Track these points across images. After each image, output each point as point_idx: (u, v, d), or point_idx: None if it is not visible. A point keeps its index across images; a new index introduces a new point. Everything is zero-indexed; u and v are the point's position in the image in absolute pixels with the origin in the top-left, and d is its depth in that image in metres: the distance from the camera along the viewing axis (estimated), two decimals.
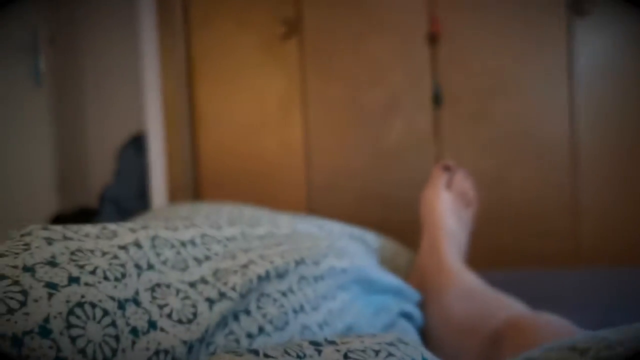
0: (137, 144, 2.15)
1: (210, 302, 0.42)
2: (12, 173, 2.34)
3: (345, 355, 0.35)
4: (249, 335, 0.44)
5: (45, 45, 2.42)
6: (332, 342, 0.36)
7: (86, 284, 0.35)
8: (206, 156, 1.80)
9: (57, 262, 0.36)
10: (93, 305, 0.34)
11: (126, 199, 2.14)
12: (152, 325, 0.37)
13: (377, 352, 0.35)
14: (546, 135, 1.53)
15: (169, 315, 0.38)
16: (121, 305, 0.36)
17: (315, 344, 0.35)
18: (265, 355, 0.30)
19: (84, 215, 2.29)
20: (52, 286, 0.34)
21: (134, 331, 0.35)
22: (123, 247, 0.41)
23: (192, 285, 0.42)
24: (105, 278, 0.37)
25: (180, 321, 0.39)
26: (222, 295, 0.43)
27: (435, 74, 1.56)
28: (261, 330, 0.45)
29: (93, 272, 0.36)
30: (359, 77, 1.62)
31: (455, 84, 1.55)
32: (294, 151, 1.70)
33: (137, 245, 0.42)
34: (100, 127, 2.64)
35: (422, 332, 0.79)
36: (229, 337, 0.43)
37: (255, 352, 0.28)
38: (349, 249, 0.78)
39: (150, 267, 0.41)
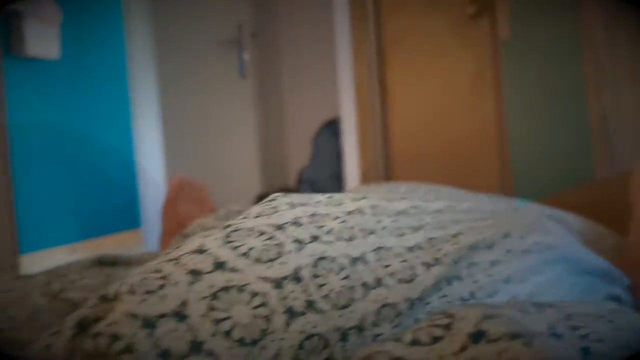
0: (331, 128, 2.27)
1: (427, 265, 0.46)
2: (223, 156, 2.62)
3: (568, 317, 0.36)
4: (462, 299, 0.47)
5: (248, 39, 2.65)
6: (552, 305, 0.38)
7: (325, 242, 0.41)
8: (397, 139, 1.84)
9: (300, 223, 0.42)
10: (332, 260, 0.40)
11: (321, 180, 2.27)
12: (379, 282, 0.42)
13: (598, 317, 0.36)
14: None
15: (392, 275, 0.43)
16: (353, 262, 0.41)
17: (536, 304, 0.37)
18: (491, 306, 0.33)
19: None
20: (299, 242, 0.40)
21: (365, 285, 0.41)
22: (349, 213, 0.47)
23: (410, 250, 0.47)
24: (338, 238, 0.43)
25: (401, 280, 0.43)
26: (437, 260, 0.47)
27: None
28: (472, 295, 0.48)
29: (329, 233, 0.42)
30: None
31: None
32: (486, 132, 1.68)
33: (361, 212, 0.48)
34: (297, 113, 2.83)
35: None
36: (442, 299, 0.46)
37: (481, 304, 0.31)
38: (552, 228, 0.77)
39: (372, 232, 0.46)
